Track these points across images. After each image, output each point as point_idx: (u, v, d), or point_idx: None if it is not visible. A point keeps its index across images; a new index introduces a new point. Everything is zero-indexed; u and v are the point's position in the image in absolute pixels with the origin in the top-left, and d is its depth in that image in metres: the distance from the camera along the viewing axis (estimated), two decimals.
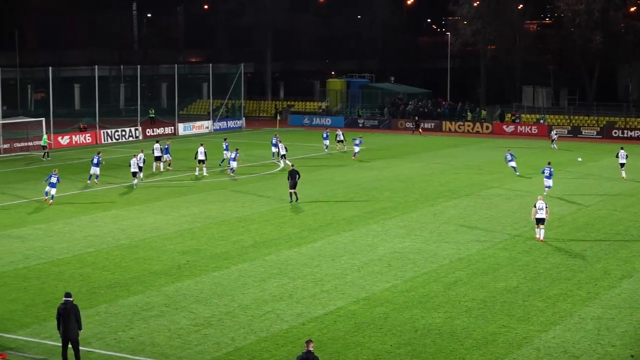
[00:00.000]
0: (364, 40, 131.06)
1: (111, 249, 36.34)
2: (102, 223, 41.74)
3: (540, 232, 37.98)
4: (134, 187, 52.91)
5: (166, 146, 61.06)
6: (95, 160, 54.36)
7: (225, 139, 64.32)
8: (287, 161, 60.58)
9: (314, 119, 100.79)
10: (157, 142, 61.27)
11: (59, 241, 37.79)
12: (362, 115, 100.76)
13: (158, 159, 59.75)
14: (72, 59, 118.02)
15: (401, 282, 31.33)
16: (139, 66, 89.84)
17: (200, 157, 58.30)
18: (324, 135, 73.20)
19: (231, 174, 57.53)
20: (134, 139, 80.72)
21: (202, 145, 59.52)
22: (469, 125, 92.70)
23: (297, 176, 47.22)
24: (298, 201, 47.36)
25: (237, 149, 58.72)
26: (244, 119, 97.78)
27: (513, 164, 58.16)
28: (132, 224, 41.44)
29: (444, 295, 29.64)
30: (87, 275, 32.22)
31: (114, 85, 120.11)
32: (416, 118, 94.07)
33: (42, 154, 67.67)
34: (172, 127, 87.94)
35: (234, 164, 57.58)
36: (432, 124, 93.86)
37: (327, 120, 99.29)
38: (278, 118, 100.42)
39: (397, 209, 45.47)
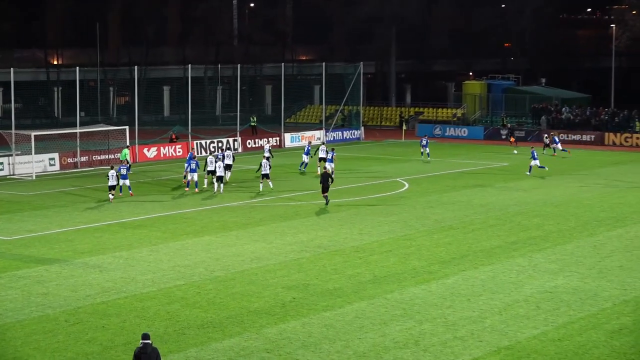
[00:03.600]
0: (509, 35, 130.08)
1: (204, 282, 36.77)
2: (193, 251, 42.33)
3: None
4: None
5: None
6: (193, 166, 58.62)
7: (228, 149, 65.11)
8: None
9: (447, 129, 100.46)
10: (219, 149, 62.76)
11: (143, 272, 38.44)
12: (508, 123, 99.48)
13: (212, 172, 59.88)
14: (162, 57, 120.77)
15: (552, 328, 30.87)
16: (239, 65, 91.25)
17: (210, 167, 59.91)
18: (423, 143, 76.61)
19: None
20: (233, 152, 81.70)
21: (210, 154, 61.13)
22: (638, 138, 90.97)
23: (330, 180, 53.66)
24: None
25: (333, 149, 62.15)
26: (362, 128, 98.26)
27: (537, 162, 67.36)
28: (228, 253, 41.90)
29: (605, 346, 29.05)
30: (175, 312, 32.66)
31: (209, 88, 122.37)
32: (508, 125, 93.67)
33: None
34: (278, 138, 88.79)
35: (330, 166, 60.44)
36: (592, 136, 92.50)
37: (464, 131, 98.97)
38: (404, 128, 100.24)
39: (548, 239, 44.89)
